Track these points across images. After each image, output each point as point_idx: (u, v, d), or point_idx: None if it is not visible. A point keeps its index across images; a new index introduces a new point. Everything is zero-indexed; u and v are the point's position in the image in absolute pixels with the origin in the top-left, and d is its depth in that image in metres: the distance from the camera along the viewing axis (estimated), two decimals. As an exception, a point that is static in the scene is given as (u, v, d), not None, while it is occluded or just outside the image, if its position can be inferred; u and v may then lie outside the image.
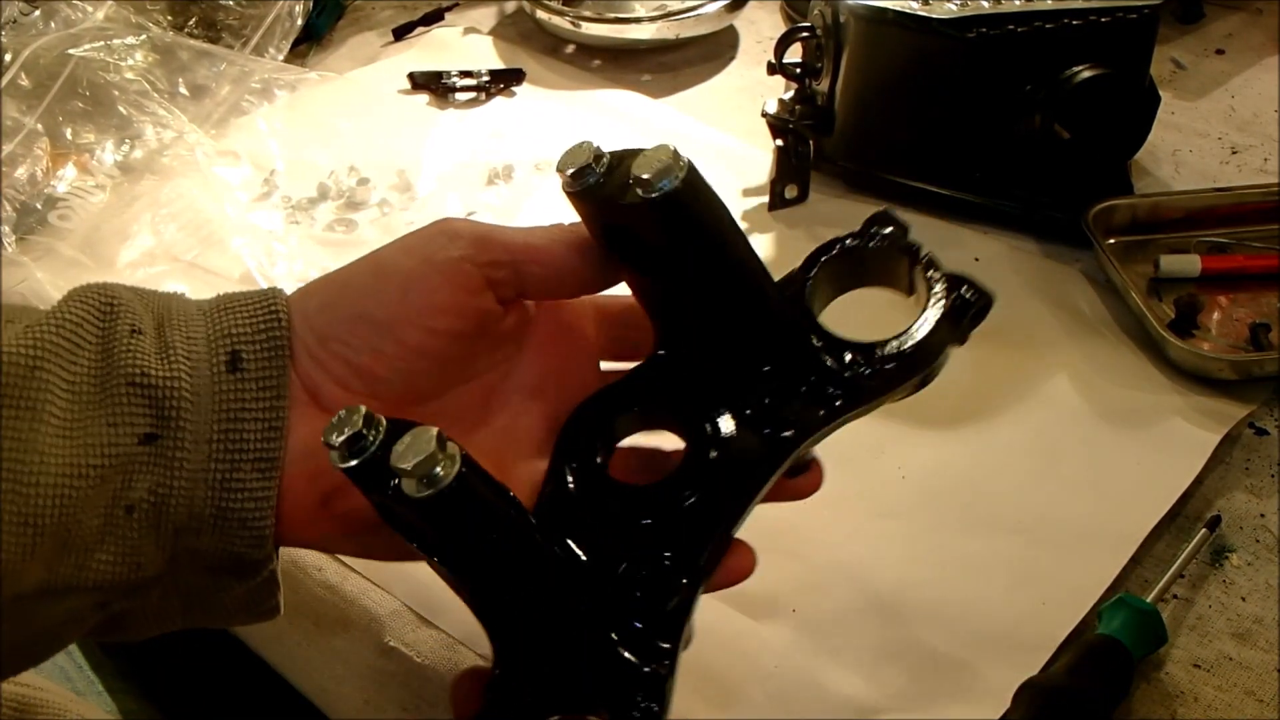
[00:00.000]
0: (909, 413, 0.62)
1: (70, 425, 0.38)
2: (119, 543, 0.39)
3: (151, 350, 0.39)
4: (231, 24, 0.91)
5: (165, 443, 0.39)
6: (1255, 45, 0.93)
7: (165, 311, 0.41)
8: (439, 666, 0.52)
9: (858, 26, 0.72)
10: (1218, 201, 0.73)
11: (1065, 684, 0.47)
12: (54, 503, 0.37)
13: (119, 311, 0.40)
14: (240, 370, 0.40)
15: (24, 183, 0.76)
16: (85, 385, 0.38)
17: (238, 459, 0.40)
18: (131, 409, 0.38)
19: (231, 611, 0.43)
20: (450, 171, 0.81)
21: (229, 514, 0.40)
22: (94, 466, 0.38)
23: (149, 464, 0.39)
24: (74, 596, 0.39)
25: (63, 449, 0.37)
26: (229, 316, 0.41)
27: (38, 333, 0.38)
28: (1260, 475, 0.59)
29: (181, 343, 0.40)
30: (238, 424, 0.40)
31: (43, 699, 0.55)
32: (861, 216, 0.76)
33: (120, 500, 0.38)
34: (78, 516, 0.38)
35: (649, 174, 0.42)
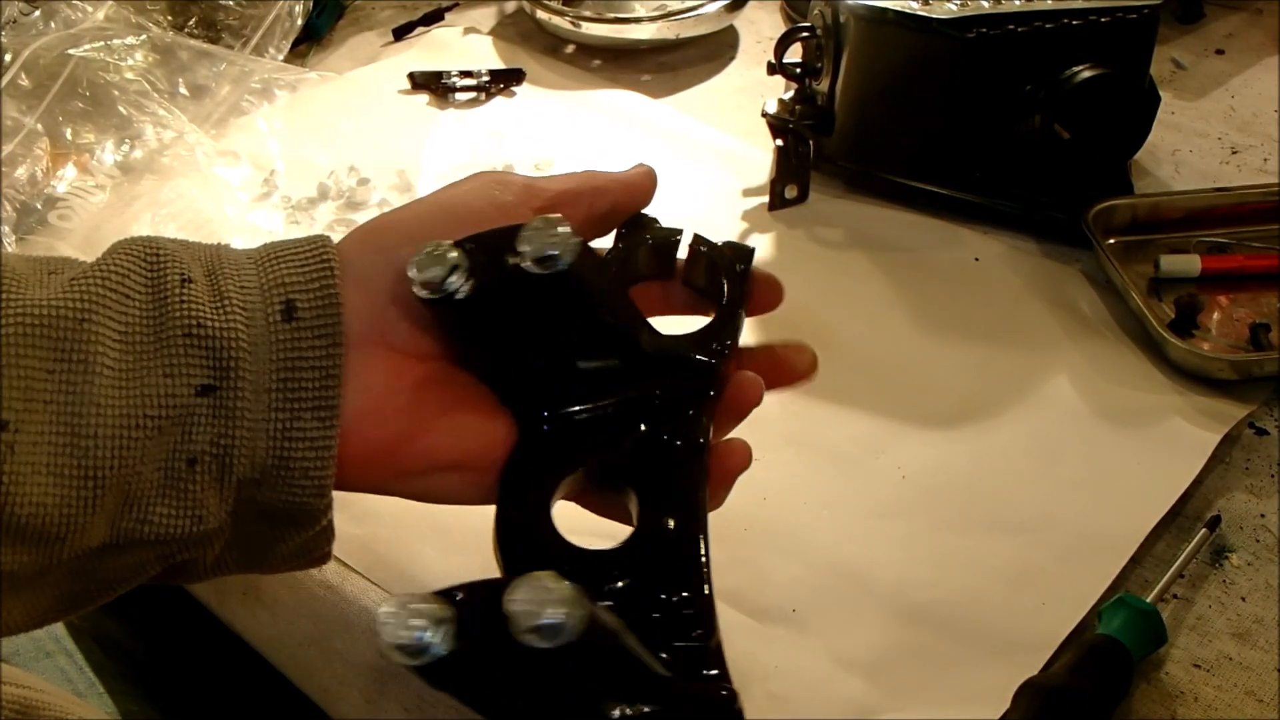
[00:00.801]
0: (909, 413, 0.63)
1: (125, 376, 0.37)
2: (181, 495, 0.38)
3: (205, 299, 0.39)
4: (231, 24, 0.91)
5: (224, 394, 0.38)
6: (1255, 45, 0.93)
7: (215, 261, 0.41)
8: (439, 666, 0.52)
9: (858, 26, 0.72)
10: (1218, 201, 0.73)
11: (1065, 684, 0.47)
12: (113, 454, 0.37)
13: (165, 261, 0.40)
14: (295, 319, 0.40)
15: (24, 183, 0.76)
16: (139, 336, 0.38)
17: (297, 408, 0.39)
18: (189, 360, 0.38)
19: (286, 559, 0.43)
20: (450, 171, 0.81)
21: (290, 463, 0.40)
22: (151, 418, 0.37)
23: (209, 415, 0.38)
24: (138, 550, 0.39)
25: (119, 400, 0.37)
26: (280, 265, 0.41)
27: (83, 284, 0.38)
28: (1260, 475, 0.59)
29: (236, 292, 0.40)
30: (295, 373, 0.39)
31: (44, 700, 0.55)
32: (861, 216, 0.76)
33: (181, 453, 0.38)
34: (137, 469, 0.37)
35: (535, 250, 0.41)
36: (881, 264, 0.72)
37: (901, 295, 0.70)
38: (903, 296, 0.70)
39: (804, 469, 0.60)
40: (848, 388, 0.64)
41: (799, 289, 0.71)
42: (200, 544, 0.40)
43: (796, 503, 0.58)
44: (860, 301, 0.70)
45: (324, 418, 0.40)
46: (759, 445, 0.60)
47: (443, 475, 0.43)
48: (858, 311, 0.69)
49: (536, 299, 0.42)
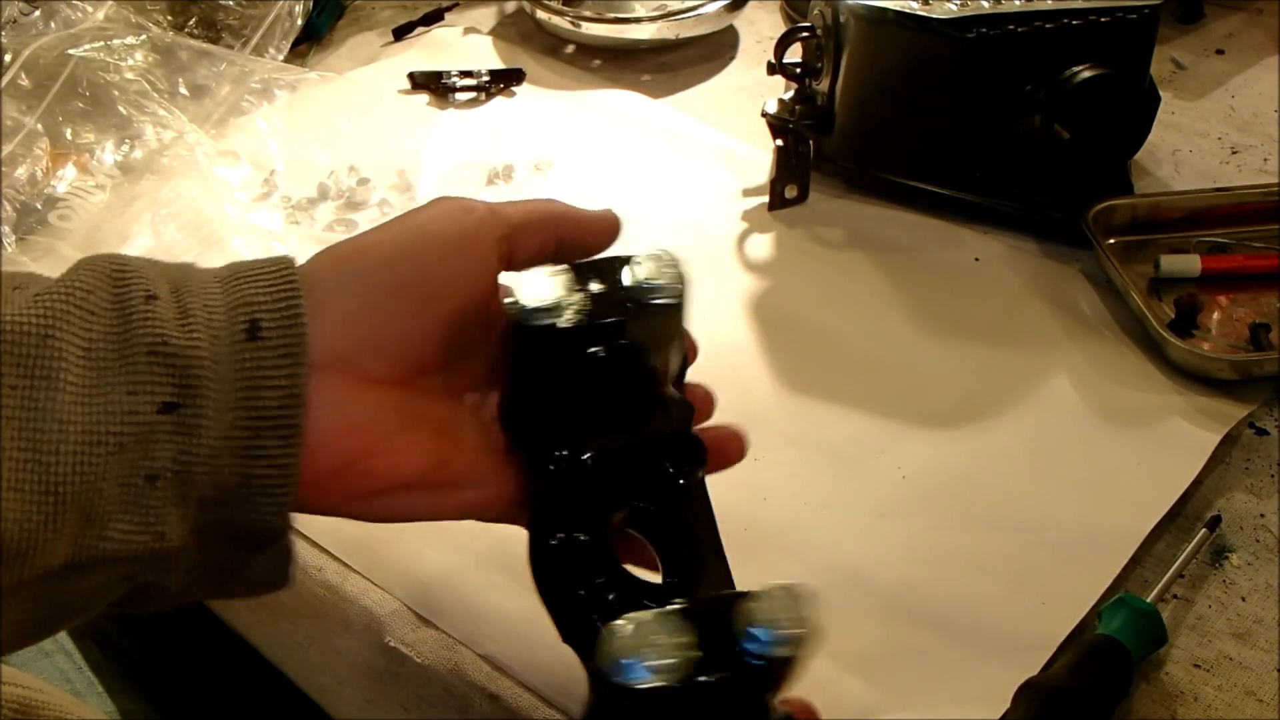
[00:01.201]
0: (909, 413, 0.63)
1: (88, 393, 0.37)
2: (142, 512, 0.38)
3: (170, 316, 0.39)
4: (231, 24, 0.91)
5: (187, 411, 0.39)
6: (1255, 45, 0.93)
7: (181, 278, 0.41)
8: (439, 666, 0.52)
9: (858, 26, 0.72)
10: (1218, 201, 0.73)
11: (1065, 684, 0.47)
12: (74, 471, 0.37)
13: (130, 277, 0.40)
14: (260, 338, 0.40)
15: (24, 183, 0.76)
16: (102, 352, 0.38)
17: (259, 426, 0.40)
18: (152, 377, 0.38)
19: (251, 583, 0.44)
20: (450, 171, 0.81)
21: (252, 482, 0.40)
22: (113, 434, 0.37)
23: (171, 433, 0.38)
24: (100, 570, 0.39)
25: (81, 416, 0.37)
26: (246, 285, 0.41)
27: (47, 301, 0.38)
28: (1260, 475, 0.59)
29: (200, 310, 0.40)
30: (258, 392, 0.40)
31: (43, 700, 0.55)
32: (861, 216, 0.76)
33: (142, 469, 0.38)
34: (99, 485, 0.37)
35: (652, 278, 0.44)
36: (881, 264, 0.72)
37: (901, 295, 0.70)
38: (903, 296, 0.70)
39: (804, 469, 0.60)
40: (848, 388, 0.64)
41: (799, 289, 0.71)
42: (163, 563, 0.40)
43: (796, 503, 0.58)
44: (860, 301, 0.70)
45: (285, 437, 0.40)
46: (759, 445, 0.60)
47: (395, 495, 0.44)
48: (858, 311, 0.69)
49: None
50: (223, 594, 0.44)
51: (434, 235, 0.44)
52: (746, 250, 0.74)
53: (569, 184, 0.80)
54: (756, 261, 0.73)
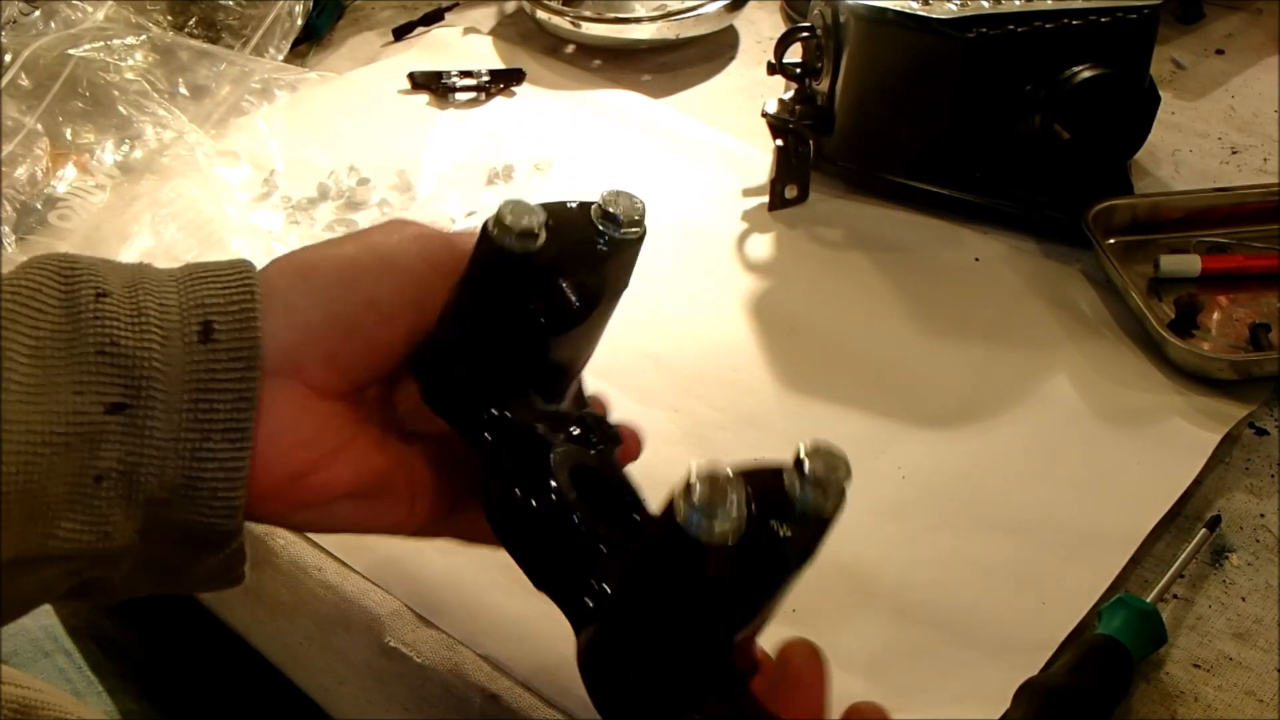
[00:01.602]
0: (909, 413, 0.63)
1: (34, 391, 0.37)
2: (87, 511, 0.38)
3: (121, 315, 0.39)
4: (231, 24, 0.91)
5: (135, 412, 0.38)
6: (1255, 45, 0.93)
7: (136, 276, 0.41)
8: (439, 666, 0.52)
9: (858, 26, 0.72)
10: (1218, 201, 0.73)
11: (1065, 684, 0.47)
12: (18, 469, 0.36)
13: (80, 275, 0.39)
14: (212, 340, 0.40)
15: (24, 183, 0.76)
16: (50, 350, 0.38)
17: (209, 429, 0.39)
18: (100, 377, 0.38)
19: (200, 580, 0.44)
20: (450, 171, 0.81)
21: (200, 484, 0.40)
22: (59, 434, 0.37)
23: (118, 433, 0.38)
24: (45, 567, 0.39)
25: (26, 415, 0.37)
26: (201, 285, 0.41)
27: None
28: (1260, 475, 0.59)
29: (154, 309, 0.40)
30: (208, 395, 0.39)
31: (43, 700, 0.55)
32: (861, 216, 0.76)
33: (88, 469, 0.38)
34: (44, 484, 0.37)
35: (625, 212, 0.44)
36: (881, 264, 0.72)
37: (901, 295, 0.70)
38: (903, 296, 0.70)
39: (804, 469, 0.60)
40: (848, 388, 0.64)
41: (799, 289, 0.71)
42: (108, 561, 0.40)
43: (796, 503, 0.58)
44: (860, 301, 0.70)
45: (235, 440, 0.40)
46: (759, 445, 0.61)
47: (340, 505, 0.44)
48: (858, 311, 0.69)
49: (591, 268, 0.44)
50: (171, 589, 0.44)
51: (397, 259, 0.44)
52: (746, 250, 0.74)
53: (569, 184, 0.80)
54: (756, 262, 0.73)
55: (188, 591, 0.45)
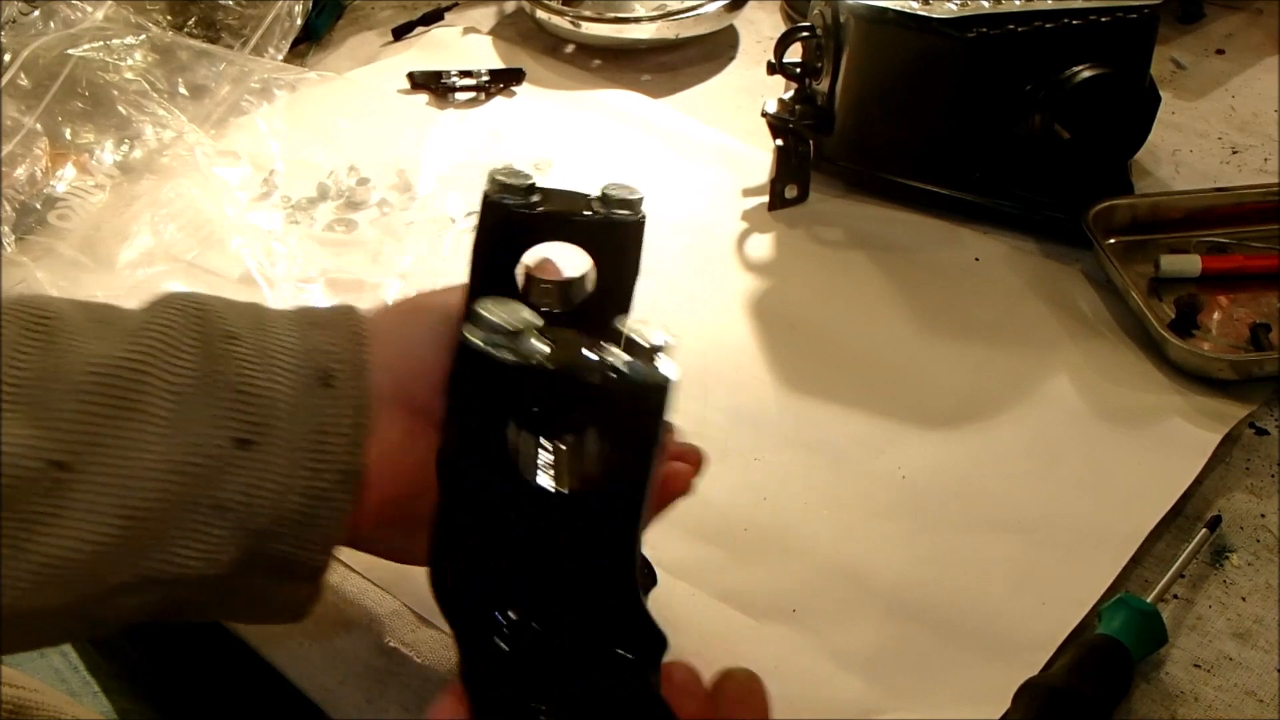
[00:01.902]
0: (909, 413, 0.63)
1: (172, 424, 0.40)
2: (202, 539, 0.41)
3: (250, 357, 0.42)
4: (231, 24, 0.91)
5: (259, 448, 0.41)
6: (1255, 45, 0.93)
7: (257, 319, 0.43)
8: (439, 666, 0.52)
9: (858, 26, 0.72)
10: (1218, 201, 0.73)
11: (1065, 684, 0.47)
12: (153, 496, 0.39)
13: (209, 317, 0.42)
14: (331, 386, 0.43)
15: (24, 183, 0.76)
16: (187, 387, 0.40)
17: (322, 468, 0.42)
18: (232, 412, 0.41)
19: (272, 613, 0.46)
20: (450, 171, 0.81)
21: (308, 520, 0.42)
22: (193, 464, 0.40)
23: (243, 467, 0.41)
24: (150, 589, 0.41)
25: (164, 446, 0.39)
26: (317, 333, 0.44)
27: (142, 340, 0.40)
28: (1260, 475, 0.59)
29: (280, 352, 0.42)
30: (326, 436, 0.42)
31: (38, 701, 0.55)
32: (861, 216, 0.76)
33: (210, 499, 0.41)
34: (171, 511, 0.40)
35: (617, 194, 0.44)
36: (881, 264, 0.72)
37: (901, 295, 0.70)
38: (903, 296, 0.70)
39: (804, 469, 0.60)
40: (848, 388, 0.64)
41: (799, 289, 0.71)
42: (205, 587, 0.42)
43: (796, 503, 0.58)
44: (860, 301, 0.70)
45: (345, 481, 0.42)
46: (759, 445, 0.61)
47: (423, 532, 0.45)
48: (858, 311, 0.69)
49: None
50: (244, 619, 0.47)
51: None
52: (746, 250, 0.74)
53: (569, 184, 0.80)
54: (756, 261, 0.73)
55: (257, 623, 0.48)
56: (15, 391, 0.38)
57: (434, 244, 0.74)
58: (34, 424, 0.38)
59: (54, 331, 0.40)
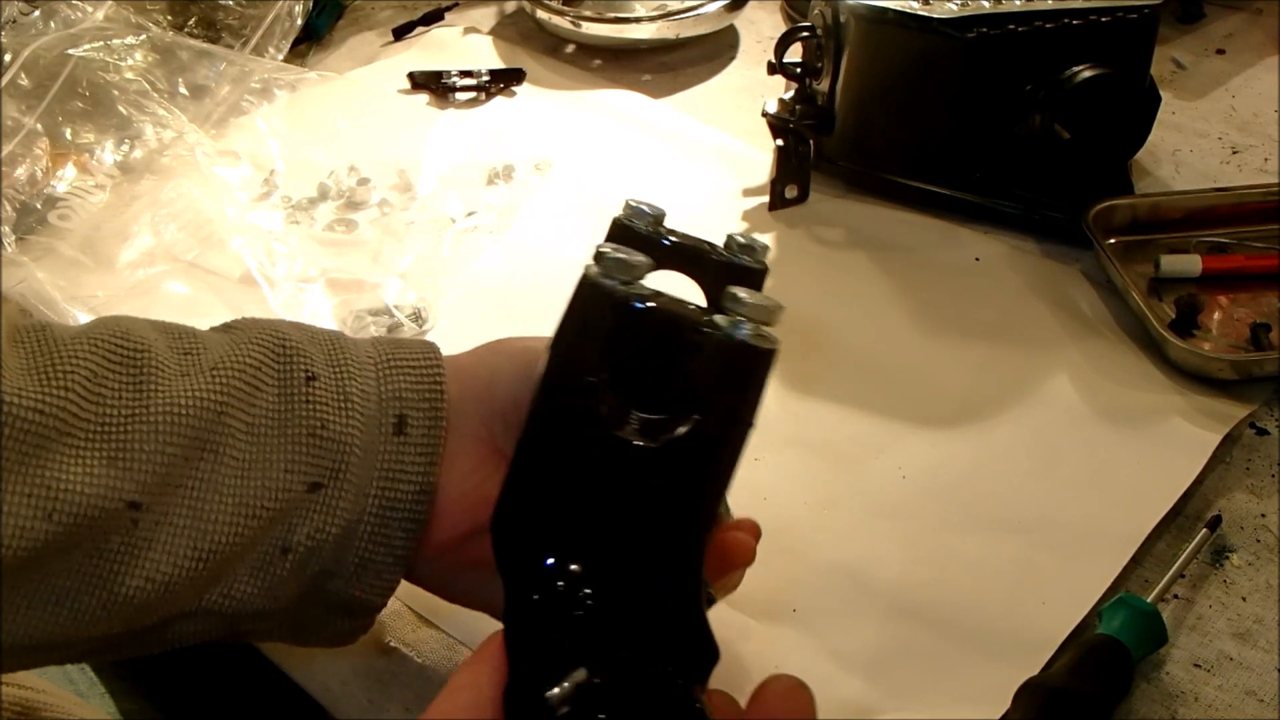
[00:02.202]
0: (909, 413, 0.63)
1: (248, 467, 0.40)
2: (266, 578, 0.41)
3: (329, 400, 0.42)
4: (231, 24, 0.91)
5: (329, 492, 0.41)
6: (1255, 45, 0.93)
7: (338, 354, 0.43)
8: (439, 666, 0.52)
9: (858, 26, 0.72)
10: (1218, 201, 0.73)
11: (1065, 684, 0.47)
12: (226, 538, 0.40)
13: (292, 355, 0.42)
14: (404, 434, 0.43)
15: (24, 183, 0.76)
16: (264, 429, 0.41)
17: (389, 516, 0.42)
18: (308, 457, 0.41)
19: (323, 638, 0.46)
20: (450, 171, 0.81)
21: (369, 565, 0.43)
22: (266, 508, 0.40)
23: (312, 510, 0.41)
24: (208, 619, 0.42)
25: (239, 488, 0.40)
26: (398, 376, 0.44)
27: (223, 378, 0.41)
28: (1260, 475, 0.59)
29: (358, 396, 0.42)
30: (394, 484, 0.42)
31: (45, 701, 0.55)
32: (861, 216, 0.76)
33: (279, 541, 0.41)
34: (240, 553, 0.40)
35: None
36: (881, 264, 0.72)
37: (901, 295, 0.70)
38: (903, 296, 0.70)
39: (804, 469, 0.60)
40: (848, 388, 0.64)
41: (799, 289, 0.71)
42: (264, 619, 0.43)
43: (796, 503, 0.58)
44: (860, 301, 0.70)
45: (410, 529, 0.43)
46: (759, 445, 0.60)
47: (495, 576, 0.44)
48: (858, 311, 0.69)
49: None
50: (296, 643, 0.47)
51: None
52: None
53: (569, 184, 0.80)
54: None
55: (306, 645, 0.48)
56: (99, 430, 0.38)
57: (434, 244, 0.74)
58: (114, 464, 0.38)
59: (139, 366, 0.40)
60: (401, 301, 0.70)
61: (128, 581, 0.38)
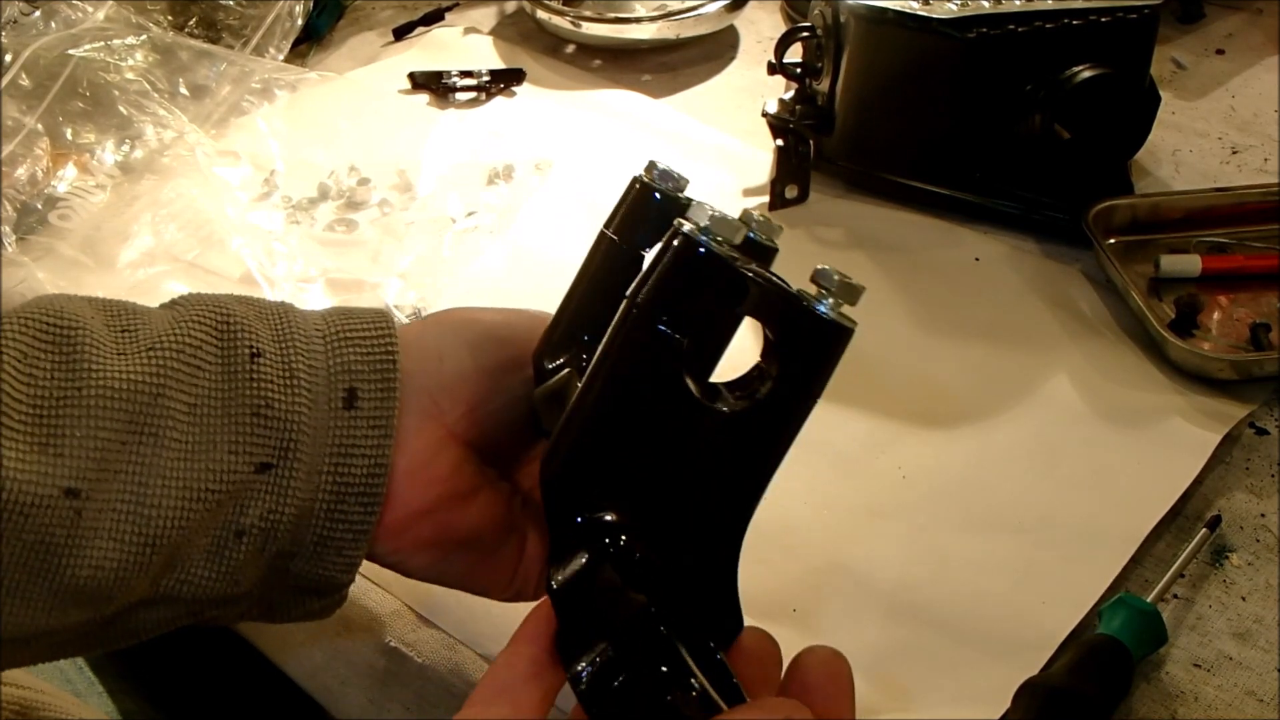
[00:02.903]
0: (909, 413, 0.63)
1: (191, 450, 0.39)
2: (224, 562, 0.40)
3: (274, 376, 0.41)
4: (231, 24, 0.91)
5: (280, 471, 0.40)
6: (1255, 45, 0.93)
7: (286, 328, 0.42)
8: (439, 666, 0.52)
9: (858, 26, 0.72)
10: (1218, 201, 0.73)
11: (1065, 684, 0.47)
12: (172, 524, 0.38)
13: (236, 331, 0.41)
14: (355, 408, 0.42)
15: (24, 183, 0.76)
16: (207, 410, 0.40)
17: (344, 492, 0.41)
18: (253, 437, 0.40)
19: (296, 617, 0.46)
20: (450, 172, 0.81)
21: (329, 542, 0.42)
22: (212, 491, 0.39)
23: (263, 491, 0.40)
24: (171, 606, 0.41)
25: (183, 472, 0.39)
26: (348, 348, 0.43)
27: (159, 357, 0.39)
28: (1260, 475, 0.59)
29: (305, 372, 0.41)
30: (347, 459, 0.41)
31: (44, 701, 0.55)
32: (861, 216, 0.76)
33: (231, 524, 0.40)
34: (190, 537, 0.39)
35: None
36: (881, 264, 0.72)
37: (901, 295, 0.70)
38: (903, 296, 0.70)
39: (804, 469, 0.60)
40: (848, 388, 0.64)
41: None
42: (230, 604, 0.42)
43: (796, 503, 0.58)
44: (860, 301, 0.70)
45: (367, 503, 0.42)
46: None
47: (457, 555, 0.45)
48: (858, 311, 0.69)
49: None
50: (270, 621, 0.46)
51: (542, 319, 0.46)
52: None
53: (569, 184, 0.80)
54: (756, 261, 0.73)
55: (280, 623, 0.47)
56: (31, 414, 0.37)
57: (434, 244, 0.74)
58: (46, 450, 0.37)
59: (73, 344, 0.38)
60: (401, 301, 0.70)
61: (76, 571, 0.37)
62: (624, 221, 0.45)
